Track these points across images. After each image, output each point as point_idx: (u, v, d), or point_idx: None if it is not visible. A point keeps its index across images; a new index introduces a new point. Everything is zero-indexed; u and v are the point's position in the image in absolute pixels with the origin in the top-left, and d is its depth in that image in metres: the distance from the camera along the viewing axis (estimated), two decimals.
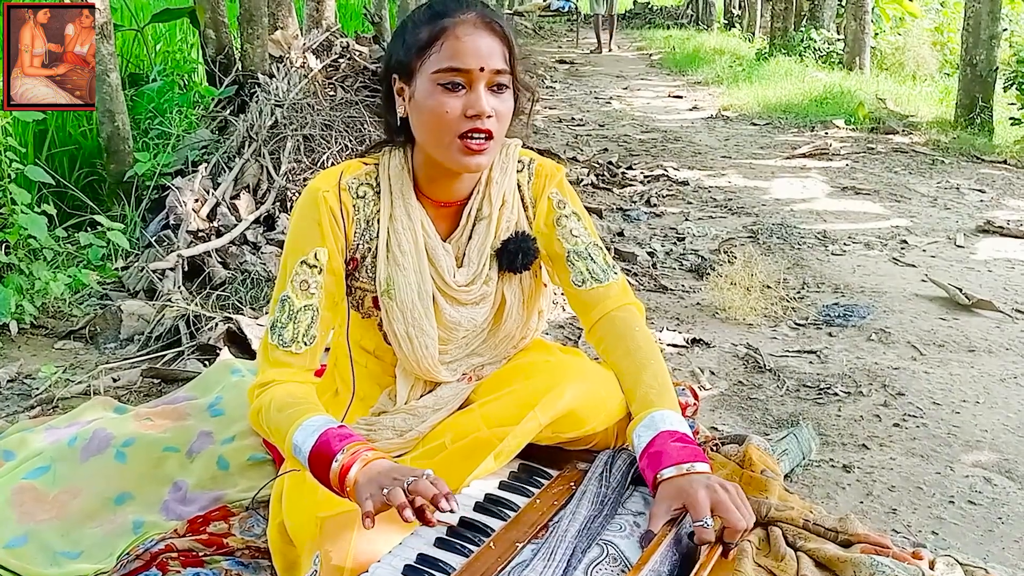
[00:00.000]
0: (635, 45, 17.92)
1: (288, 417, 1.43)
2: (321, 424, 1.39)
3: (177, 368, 2.68)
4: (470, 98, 1.44)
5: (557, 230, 1.66)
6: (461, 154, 1.46)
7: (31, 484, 1.94)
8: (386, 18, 9.53)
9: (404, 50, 1.50)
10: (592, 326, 1.67)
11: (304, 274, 1.52)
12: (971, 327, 3.15)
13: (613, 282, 1.66)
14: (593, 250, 1.67)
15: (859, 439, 2.33)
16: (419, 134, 1.52)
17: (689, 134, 7.58)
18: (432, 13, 1.48)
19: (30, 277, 3.21)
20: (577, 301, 1.68)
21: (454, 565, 1.21)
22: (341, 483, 1.31)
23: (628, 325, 1.63)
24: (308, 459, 1.37)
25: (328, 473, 1.33)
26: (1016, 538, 1.89)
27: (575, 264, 1.65)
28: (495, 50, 1.46)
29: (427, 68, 1.45)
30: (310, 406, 1.46)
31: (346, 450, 1.33)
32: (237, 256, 3.52)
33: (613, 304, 1.65)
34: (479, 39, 1.45)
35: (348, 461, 1.31)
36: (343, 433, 1.37)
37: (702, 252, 4.04)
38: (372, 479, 1.28)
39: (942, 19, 12.20)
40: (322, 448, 1.35)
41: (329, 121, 4.47)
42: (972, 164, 6.10)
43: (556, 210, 1.67)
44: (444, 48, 1.44)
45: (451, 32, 1.44)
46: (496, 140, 1.49)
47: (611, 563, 1.25)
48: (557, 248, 1.66)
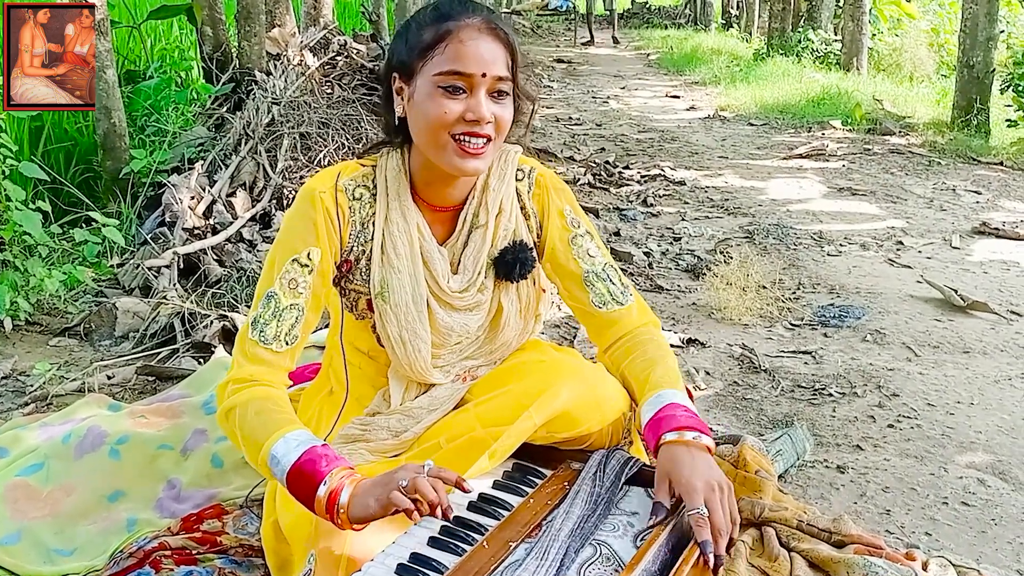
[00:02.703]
0: (633, 45, 17.92)
1: (266, 424, 1.39)
2: (305, 440, 1.36)
3: (172, 366, 2.68)
4: (470, 103, 1.43)
5: (573, 249, 1.64)
6: (456, 156, 1.45)
7: (25, 481, 1.94)
8: (384, 16, 9.52)
9: (406, 50, 1.49)
10: (610, 345, 1.65)
11: (294, 272, 1.51)
12: (966, 328, 3.15)
13: (632, 303, 1.65)
14: (609, 270, 1.66)
15: (853, 440, 2.33)
16: (416, 135, 1.51)
17: (686, 134, 7.59)
18: (437, 15, 1.46)
19: (25, 274, 3.20)
20: (594, 322, 1.66)
21: (447, 564, 1.21)
22: (330, 509, 1.28)
23: (648, 340, 1.62)
24: (288, 473, 1.33)
25: (312, 494, 1.30)
26: (1009, 539, 1.90)
27: (594, 285, 1.64)
28: (498, 56, 1.45)
29: (428, 70, 1.44)
30: (291, 418, 1.42)
31: (333, 475, 1.30)
32: (233, 254, 3.52)
33: (634, 324, 1.64)
34: (483, 44, 1.44)
35: (337, 487, 1.29)
36: (329, 454, 1.34)
37: (698, 252, 4.04)
38: (366, 492, 1.27)
39: (939, 21, 12.21)
40: (306, 466, 1.32)
41: (326, 119, 4.47)
42: (968, 166, 6.11)
43: (571, 228, 1.66)
44: (447, 51, 1.43)
45: (455, 35, 1.43)
46: (494, 145, 1.48)
47: (604, 563, 1.25)
48: (573, 267, 1.64)
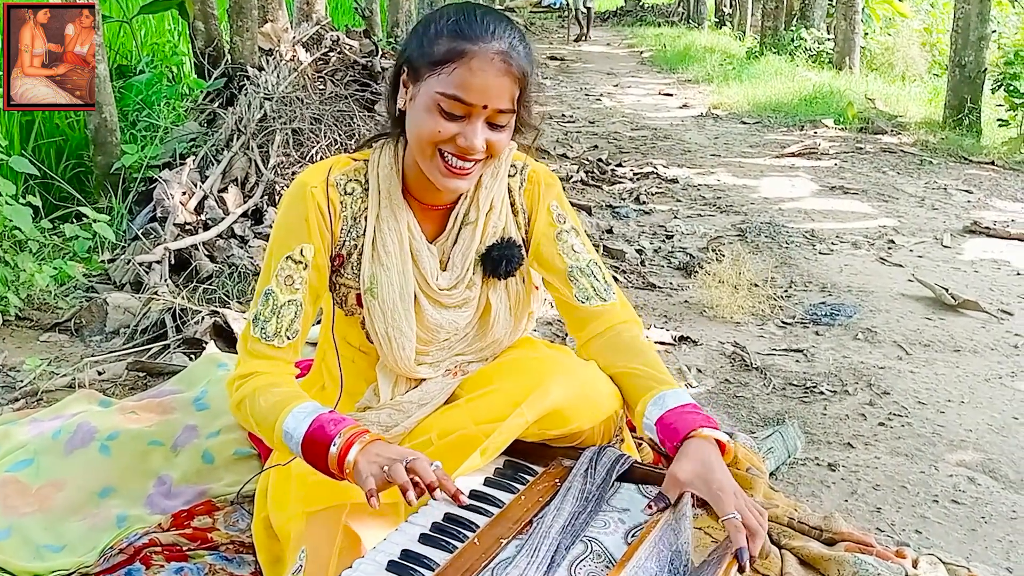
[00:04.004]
0: (626, 42, 17.92)
1: (275, 405, 1.43)
2: (312, 410, 1.40)
3: (163, 361, 2.67)
4: (465, 129, 1.42)
5: (558, 245, 1.64)
6: (440, 174, 1.45)
7: (14, 477, 1.93)
8: (376, 12, 9.52)
9: (418, 52, 1.45)
10: (589, 340, 1.65)
11: (289, 269, 1.52)
12: (957, 327, 3.17)
13: (614, 300, 1.65)
14: (594, 267, 1.66)
15: (844, 438, 2.34)
16: (410, 137, 1.50)
17: (679, 132, 7.59)
18: (457, 30, 1.42)
19: (15, 269, 3.19)
20: (575, 316, 1.66)
21: (438, 561, 1.21)
22: (340, 466, 1.32)
23: (631, 336, 1.62)
24: (301, 444, 1.37)
25: (325, 457, 1.34)
26: (999, 537, 1.91)
27: (578, 280, 1.64)
28: (504, 91, 1.42)
29: (433, 83, 1.42)
30: (297, 394, 1.46)
31: (343, 434, 1.34)
32: (224, 249, 3.51)
33: (615, 320, 1.64)
34: (492, 77, 1.40)
35: (346, 444, 1.32)
36: (336, 417, 1.38)
37: (690, 250, 4.05)
38: (372, 460, 1.29)
39: (931, 20, 12.25)
40: (316, 433, 1.35)
41: (318, 115, 4.45)
42: (960, 165, 6.13)
43: (556, 224, 1.65)
44: (455, 74, 1.40)
45: (467, 61, 1.39)
46: (482, 165, 1.48)
47: (595, 559, 1.25)
48: (557, 263, 1.64)
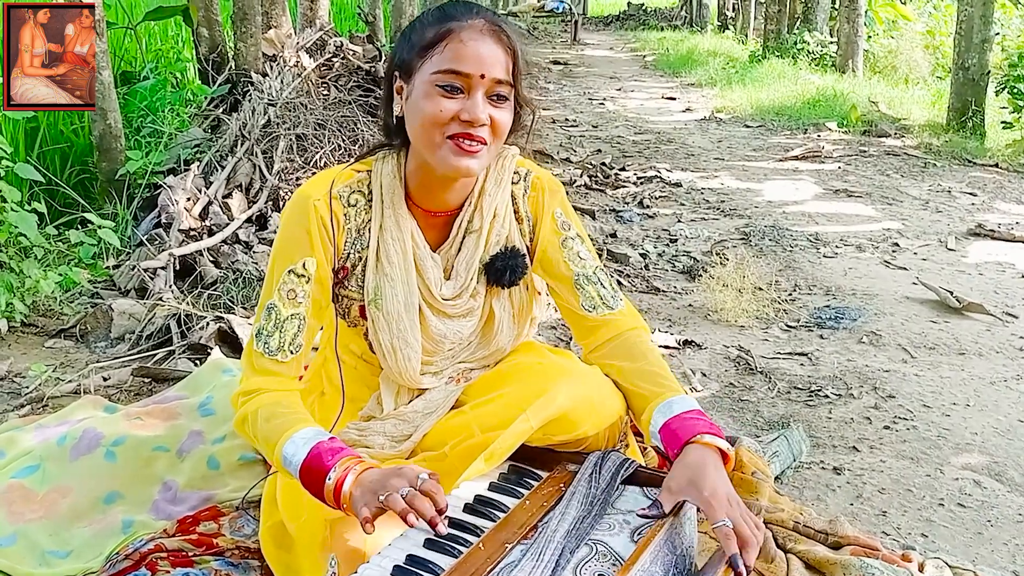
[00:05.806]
0: (629, 47, 17.93)
1: (276, 428, 1.42)
2: (311, 436, 1.39)
3: (168, 367, 2.67)
4: (466, 103, 1.42)
5: (563, 252, 1.64)
6: (451, 154, 1.44)
7: (20, 483, 1.93)
8: (380, 17, 9.52)
9: (408, 48, 1.48)
10: (596, 347, 1.65)
11: (292, 283, 1.51)
12: (962, 330, 3.16)
13: (621, 308, 1.65)
14: (600, 274, 1.66)
15: (849, 441, 2.34)
16: (412, 134, 1.50)
17: (682, 136, 7.59)
18: (441, 15, 1.46)
19: (20, 275, 3.19)
20: (582, 325, 1.66)
21: (443, 566, 1.21)
22: (337, 500, 1.32)
23: (638, 342, 1.62)
24: (299, 472, 1.36)
25: (323, 489, 1.33)
26: (1005, 541, 1.90)
27: (584, 288, 1.63)
28: (498, 59, 1.44)
29: (427, 68, 1.44)
30: (298, 417, 1.45)
31: (337, 467, 1.33)
32: (229, 255, 3.52)
33: (622, 328, 1.64)
34: (483, 45, 1.43)
35: (341, 476, 1.32)
36: (334, 447, 1.37)
37: (694, 254, 4.04)
38: (366, 489, 1.29)
39: (935, 23, 12.24)
40: (314, 463, 1.35)
41: (322, 120, 4.46)
42: (964, 167, 6.12)
43: (561, 231, 1.65)
44: (447, 50, 1.42)
45: (456, 35, 1.43)
46: (489, 149, 1.47)
47: (601, 559, 1.25)
48: (563, 270, 1.64)
